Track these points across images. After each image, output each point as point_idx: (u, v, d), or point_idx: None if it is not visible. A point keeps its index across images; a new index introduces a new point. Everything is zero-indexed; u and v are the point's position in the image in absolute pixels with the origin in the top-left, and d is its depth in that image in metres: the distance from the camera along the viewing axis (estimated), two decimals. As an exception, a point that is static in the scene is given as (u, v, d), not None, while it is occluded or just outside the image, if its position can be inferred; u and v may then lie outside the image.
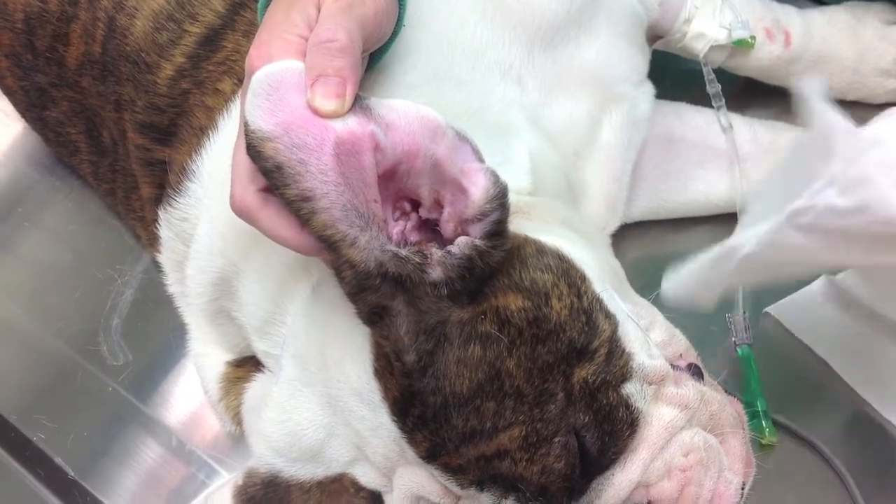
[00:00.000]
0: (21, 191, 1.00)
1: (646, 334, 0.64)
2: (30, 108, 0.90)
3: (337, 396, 0.63)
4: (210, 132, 0.72)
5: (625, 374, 0.60)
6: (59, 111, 0.86)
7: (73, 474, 0.83)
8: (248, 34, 0.74)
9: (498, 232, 0.58)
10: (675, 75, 0.91)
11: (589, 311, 0.60)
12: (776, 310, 0.86)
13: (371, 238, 0.55)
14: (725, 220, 0.88)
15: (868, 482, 0.77)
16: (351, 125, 0.54)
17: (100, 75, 0.80)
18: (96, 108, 0.82)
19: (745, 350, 0.82)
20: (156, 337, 0.89)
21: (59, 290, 0.93)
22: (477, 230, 0.57)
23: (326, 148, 0.53)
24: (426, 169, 0.57)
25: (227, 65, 0.74)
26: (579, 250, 0.64)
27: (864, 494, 0.77)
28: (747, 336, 0.83)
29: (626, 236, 0.87)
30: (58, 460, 0.84)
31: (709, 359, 0.69)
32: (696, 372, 0.66)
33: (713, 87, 0.89)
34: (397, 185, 0.58)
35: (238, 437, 0.80)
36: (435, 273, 0.57)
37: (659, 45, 0.89)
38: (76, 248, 0.95)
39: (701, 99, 0.89)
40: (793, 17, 0.91)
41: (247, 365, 0.76)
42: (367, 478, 0.65)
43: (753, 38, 0.88)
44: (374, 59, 0.64)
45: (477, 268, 0.57)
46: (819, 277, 0.86)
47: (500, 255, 0.58)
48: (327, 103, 0.53)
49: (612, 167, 0.79)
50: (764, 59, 0.90)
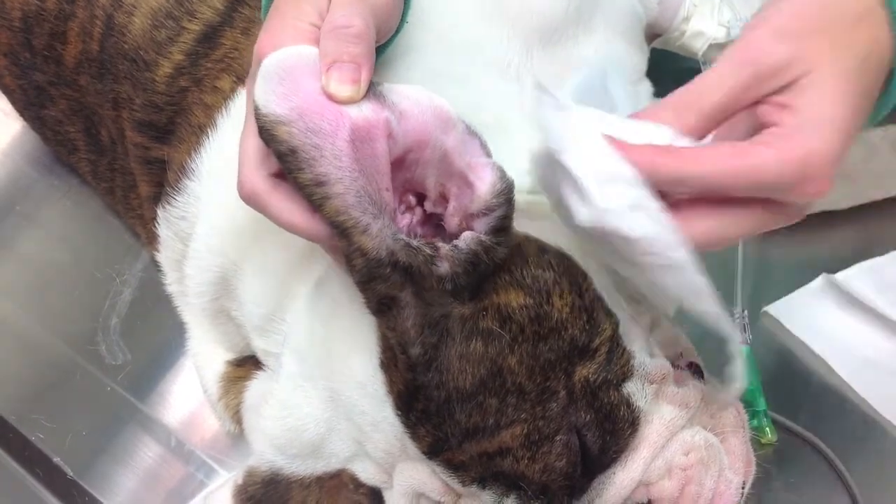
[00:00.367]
0: (19, 189, 0.99)
1: (647, 333, 0.64)
2: (28, 106, 0.90)
3: (339, 390, 0.63)
4: (209, 130, 0.71)
5: (626, 373, 0.60)
6: (58, 109, 0.86)
7: (71, 474, 0.83)
8: (247, 31, 0.74)
9: (503, 228, 0.57)
10: (674, 74, 0.90)
11: (590, 310, 0.60)
12: (775, 309, 0.86)
13: (383, 226, 0.54)
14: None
15: (867, 481, 0.78)
16: (366, 112, 0.53)
17: (98, 73, 0.79)
18: (94, 107, 0.82)
19: (744, 349, 0.82)
20: (155, 336, 0.89)
21: (57, 290, 0.93)
22: (482, 225, 0.57)
23: (341, 133, 0.52)
24: (434, 160, 0.57)
25: (225, 62, 0.73)
26: (580, 248, 0.64)
27: (863, 493, 0.77)
28: (746, 335, 0.83)
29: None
30: (56, 460, 0.83)
31: (710, 358, 0.68)
32: (696, 371, 0.66)
33: (712, 86, 0.89)
34: (405, 176, 0.57)
35: (237, 437, 0.80)
36: (442, 267, 0.56)
37: (657, 44, 0.89)
38: (75, 247, 0.95)
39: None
40: (792, 16, 0.91)
41: (246, 364, 0.76)
42: (367, 473, 0.65)
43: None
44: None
45: (482, 263, 0.57)
46: (818, 276, 0.86)
47: (504, 252, 0.58)
48: (343, 89, 0.53)
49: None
50: (763, 58, 0.90)
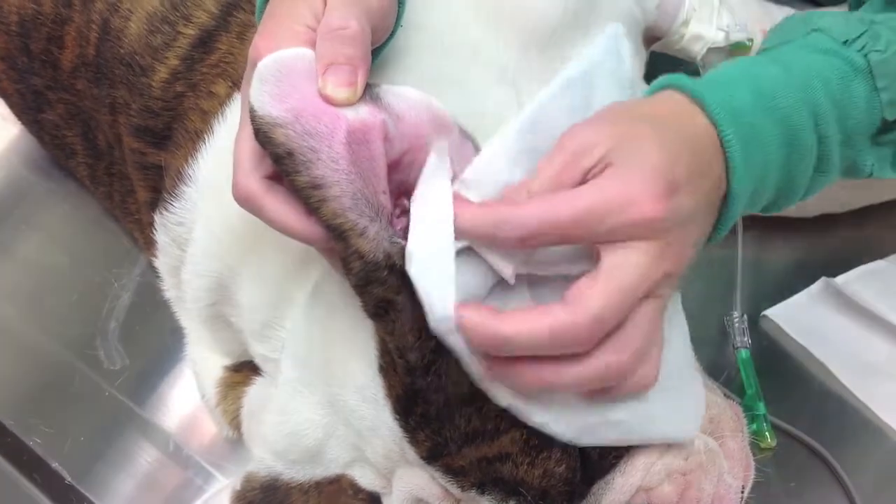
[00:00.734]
0: (18, 193, 0.99)
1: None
2: (26, 110, 0.90)
3: (338, 395, 0.62)
4: (205, 136, 0.71)
5: None
6: (55, 114, 0.86)
7: (69, 479, 0.83)
8: (242, 36, 0.73)
9: None
10: (673, 77, 0.91)
11: None
12: (774, 313, 0.86)
13: (380, 229, 0.54)
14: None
15: (867, 485, 0.78)
16: (362, 114, 0.53)
17: (94, 78, 0.79)
18: (92, 111, 0.82)
19: (743, 353, 0.82)
20: (153, 341, 0.89)
21: (55, 294, 0.92)
22: None
23: (338, 136, 0.52)
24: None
25: (221, 67, 0.73)
26: None
27: (862, 497, 0.77)
28: (745, 339, 0.82)
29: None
30: (54, 465, 0.83)
31: (709, 362, 0.68)
32: (695, 376, 0.66)
33: (711, 89, 0.89)
34: (400, 178, 0.57)
35: (235, 442, 0.80)
36: None
37: (656, 47, 0.89)
38: (73, 252, 0.95)
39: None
40: (790, 19, 0.91)
41: (244, 370, 0.76)
42: (366, 479, 0.65)
43: (751, 40, 0.88)
44: None
45: None
46: (818, 280, 0.86)
47: None
48: (339, 91, 0.53)
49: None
50: (762, 61, 0.90)
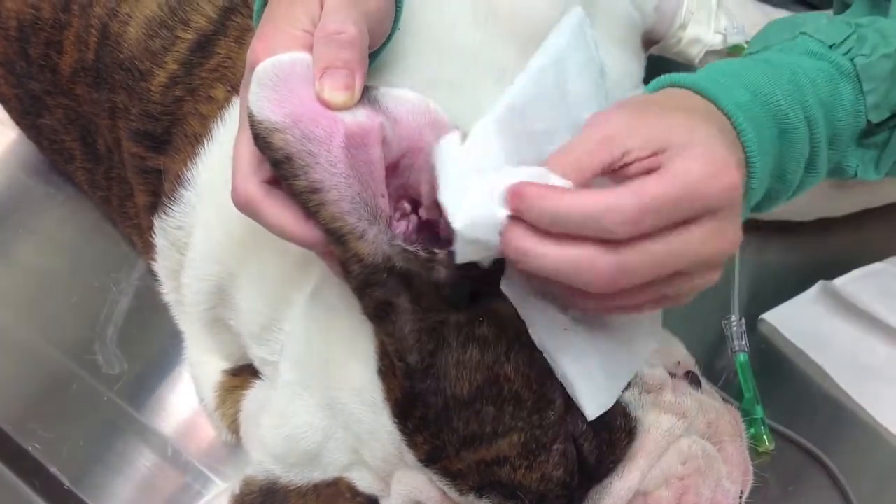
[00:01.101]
0: (16, 198, 0.99)
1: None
2: (24, 115, 0.90)
3: (337, 398, 0.62)
4: (204, 140, 0.71)
5: None
6: (54, 119, 0.86)
7: (68, 484, 0.83)
8: (241, 40, 0.73)
9: None
10: (671, 81, 0.91)
11: None
12: (773, 316, 0.85)
13: (379, 232, 0.54)
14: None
15: (865, 489, 0.78)
16: (360, 118, 0.53)
17: (94, 83, 0.79)
18: (91, 116, 0.82)
19: (741, 357, 0.82)
20: (151, 345, 0.89)
21: (54, 298, 0.92)
22: None
23: (336, 140, 0.52)
24: (428, 166, 0.57)
25: (219, 71, 0.73)
26: None
27: (860, 501, 0.77)
28: (743, 343, 0.82)
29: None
30: (53, 470, 0.83)
31: (707, 366, 0.68)
32: (693, 380, 0.66)
33: (709, 93, 0.89)
34: (399, 181, 0.57)
35: (234, 446, 0.80)
36: (439, 272, 0.56)
37: (654, 51, 0.89)
38: (72, 256, 0.95)
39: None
40: (788, 22, 0.91)
41: (243, 373, 0.76)
42: (365, 482, 0.65)
43: (748, 43, 0.88)
44: None
45: (479, 271, 0.57)
46: (816, 284, 0.86)
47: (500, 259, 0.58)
48: (336, 95, 0.53)
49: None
50: (759, 65, 0.90)
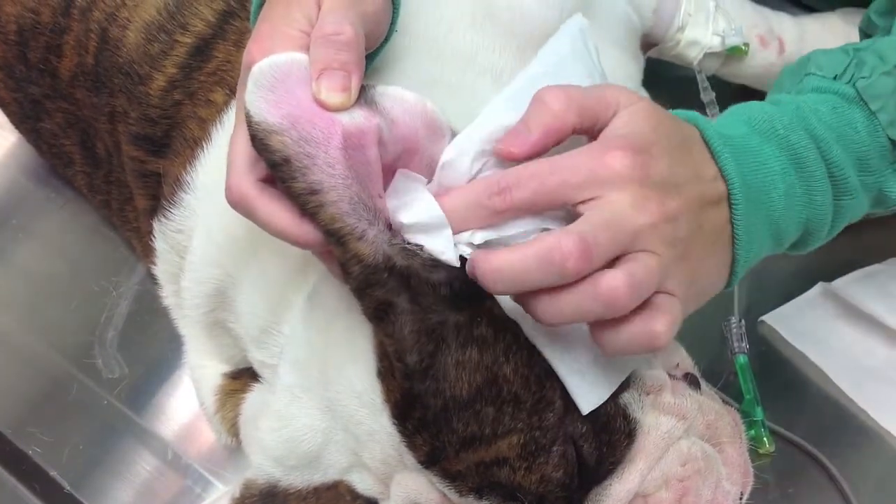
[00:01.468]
0: (15, 201, 0.99)
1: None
2: (23, 119, 0.90)
3: (336, 400, 0.62)
4: (204, 143, 0.71)
5: (622, 384, 0.60)
6: (53, 123, 0.86)
7: (68, 488, 0.83)
8: (239, 44, 0.73)
9: None
10: (670, 83, 0.91)
11: None
12: (772, 318, 0.86)
13: (379, 232, 0.54)
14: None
15: (865, 491, 0.78)
16: (357, 119, 0.53)
17: (93, 87, 0.79)
18: (90, 120, 0.82)
19: (741, 359, 0.82)
20: (151, 349, 0.89)
21: (53, 302, 0.92)
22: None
23: (334, 141, 0.52)
24: (422, 168, 0.57)
25: (218, 75, 0.73)
26: None
27: (861, 502, 0.77)
28: (743, 345, 0.82)
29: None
30: (53, 474, 0.83)
31: (706, 367, 0.69)
32: (693, 381, 0.66)
33: (707, 95, 0.89)
34: None
35: (234, 450, 0.80)
36: (438, 272, 0.56)
37: (653, 53, 0.89)
38: (71, 260, 0.95)
39: (695, 106, 0.88)
40: (786, 24, 0.91)
41: (243, 377, 0.76)
42: (364, 484, 0.65)
43: (747, 45, 0.88)
44: None
45: None
46: (815, 286, 0.86)
47: None
48: (333, 96, 0.53)
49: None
50: (758, 67, 0.90)
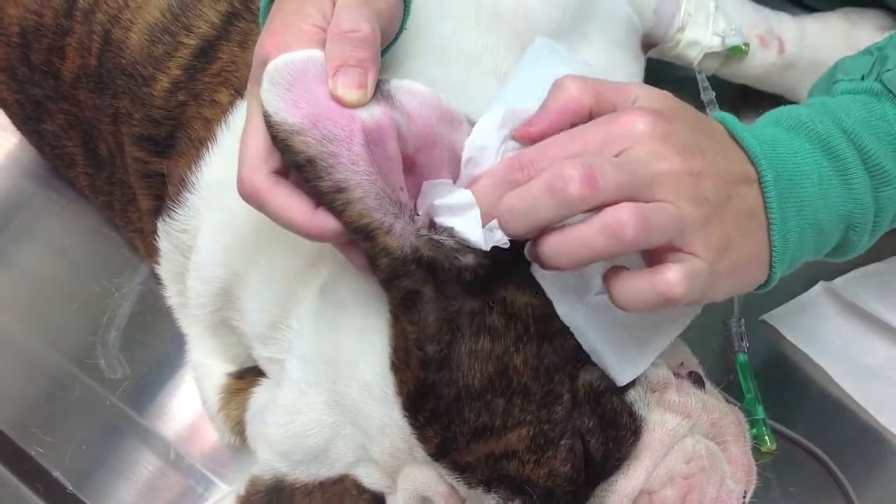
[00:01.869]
0: (18, 202, 0.99)
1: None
2: (25, 121, 0.90)
3: (345, 394, 0.63)
4: (209, 143, 0.72)
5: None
6: (55, 124, 0.86)
7: (71, 488, 0.83)
8: (244, 45, 0.74)
9: None
10: (670, 83, 0.91)
11: None
12: (773, 317, 0.86)
13: (405, 224, 0.55)
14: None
15: (867, 490, 0.78)
16: (376, 114, 0.54)
17: (96, 88, 0.79)
18: (93, 121, 0.82)
19: (741, 358, 0.82)
20: (154, 349, 0.89)
21: (56, 303, 0.92)
22: None
23: (356, 138, 0.53)
24: (444, 159, 0.57)
25: (223, 76, 0.73)
26: None
27: (862, 501, 0.77)
28: (744, 344, 0.83)
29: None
30: (56, 474, 0.83)
31: (708, 367, 0.69)
32: (697, 380, 0.66)
33: (707, 95, 0.89)
34: (414, 179, 0.58)
35: (237, 449, 0.80)
36: (466, 257, 0.56)
37: (653, 53, 0.89)
38: (73, 260, 0.95)
39: (696, 106, 0.88)
40: (787, 24, 0.92)
41: (248, 376, 0.76)
42: (371, 478, 0.65)
43: (747, 45, 0.88)
44: None
45: (501, 257, 0.57)
46: (816, 285, 0.86)
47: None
48: (350, 93, 0.53)
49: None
50: (758, 67, 0.90)
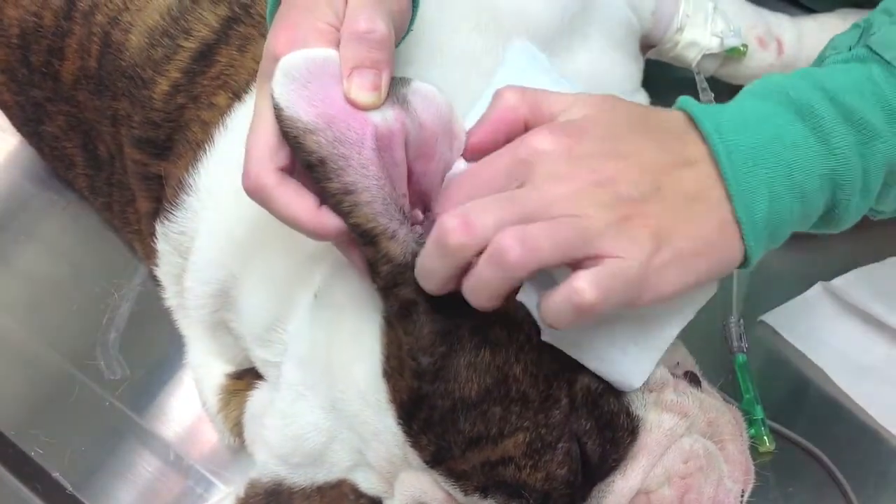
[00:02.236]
0: (17, 204, 0.99)
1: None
2: (25, 122, 0.90)
3: (341, 399, 0.63)
4: (207, 146, 0.72)
5: None
6: (55, 126, 0.86)
7: (70, 489, 0.83)
8: (243, 48, 0.74)
9: None
10: (669, 84, 0.91)
11: None
12: (771, 318, 0.86)
13: (408, 231, 0.55)
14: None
15: (866, 490, 0.78)
16: (388, 119, 0.54)
17: (96, 90, 0.80)
18: (92, 123, 0.82)
19: (740, 358, 0.82)
20: (153, 350, 0.89)
21: (55, 304, 0.92)
22: None
23: (367, 143, 0.53)
24: (439, 173, 0.57)
25: (221, 79, 0.74)
26: None
27: (860, 501, 0.77)
28: (742, 344, 0.83)
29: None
30: (55, 475, 0.83)
31: (706, 367, 0.69)
32: (694, 380, 0.66)
33: (706, 96, 0.89)
34: (413, 188, 0.58)
35: (236, 450, 0.80)
36: None
37: (652, 54, 0.89)
38: (73, 262, 0.95)
39: (694, 107, 0.89)
40: (785, 25, 0.92)
41: (246, 377, 0.76)
42: (368, 483, 0.65)
43: (745, 46, 0.88)
44: None
45: None
46: (814, 285, 0.86)
47: None
48: (364, 95, 0.53)
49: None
50: (756, 67, 0.90)
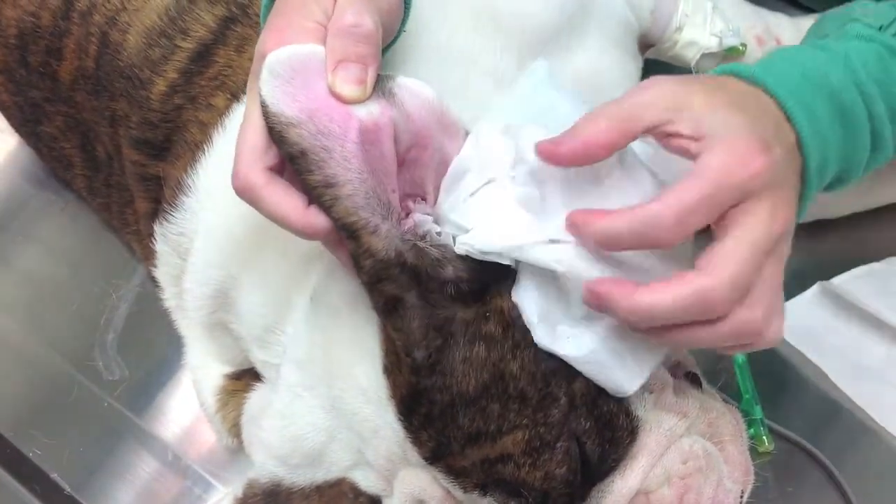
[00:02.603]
0: (16, 204, 0.99)
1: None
2: (23, 123, 0.90)
3: (340, 398, 0.63)
4: (205, 147, 0.72)
5: None
6: (53, 126, 0.86)
7: (69, 490, 0.83)
8: (240, 49, 0.74)
9: None
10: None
11: None
12: (771, 317, 0.86)
13: (392, 227, 0.55)
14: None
15: (864, 490, 0.78)
16: (374, 113, 0.54)
17: (94, 90, 0.80)
18: (91, 123, 0.82)
19: (739, 358, 0.82)
20: (151, 351, 0.89)
21: (54, 305, 0.92)
22: None
23: (350, 135, 0.53)
24: (433, 164, 0.57)
25: (219, 80, 0.74)
26: None
27: (860, 501, 0.77)
28: (742, 344, 0.83)
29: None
30: (54, 476, 0.83)
31: (707, 367, 0.69)
32: (693, 380, 0.66)
33: (705, 96, 0.89)
34: (405, 176, 0.58)
35: (235, 451, 0.80)
36: (447, 270, 0.57)
37: (650, 54, 0.89)
38: (71, 262, 0.95)
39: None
40: (784, 24, 0.92)
41: (245, 378, 0.76)
42: (368, 482, 0.65)
43: (744, 45, 0.88)
44: None
45: (486, 269, 0.57)
46: (813, 285, 0.86)
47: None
48: (348, 88, 0.53)
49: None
50: (755, 67, 0.90)
